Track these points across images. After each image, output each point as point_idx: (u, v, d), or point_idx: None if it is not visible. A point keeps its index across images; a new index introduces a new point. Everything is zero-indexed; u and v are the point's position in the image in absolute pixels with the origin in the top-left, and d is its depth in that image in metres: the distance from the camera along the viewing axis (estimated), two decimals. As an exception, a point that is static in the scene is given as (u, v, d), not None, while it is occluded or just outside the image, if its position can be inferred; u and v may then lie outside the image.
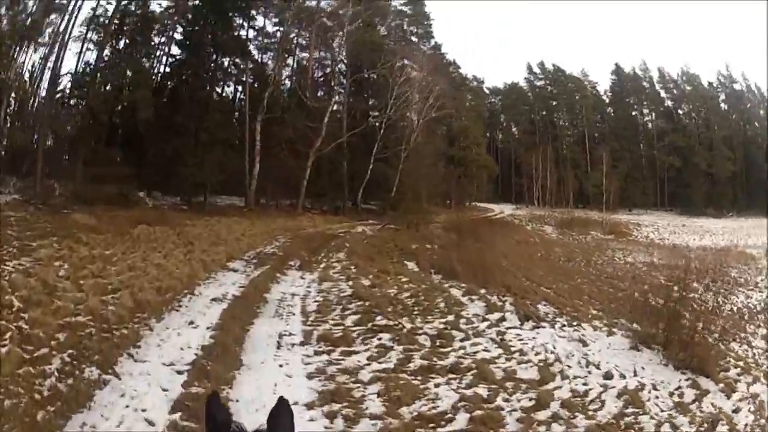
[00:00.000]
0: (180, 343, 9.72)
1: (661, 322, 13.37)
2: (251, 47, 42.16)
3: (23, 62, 33.66)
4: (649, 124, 73.07)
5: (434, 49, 57.14)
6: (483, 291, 16.16)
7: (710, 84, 73.30)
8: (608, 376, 10.27)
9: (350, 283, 16.61)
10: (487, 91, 76.13)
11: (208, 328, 10.76)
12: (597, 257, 37.08)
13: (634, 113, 73.94)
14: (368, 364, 9.82)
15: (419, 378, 9.34)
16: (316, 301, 14.17)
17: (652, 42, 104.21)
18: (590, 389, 9.54)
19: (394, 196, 42.62)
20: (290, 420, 1.98)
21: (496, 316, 13.39)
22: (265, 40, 43.54)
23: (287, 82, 46.08)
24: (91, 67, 35.43)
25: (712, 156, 68.20)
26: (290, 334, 11.11)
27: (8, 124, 34.11)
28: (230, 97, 44.37)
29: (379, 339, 11.17)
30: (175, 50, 40.22)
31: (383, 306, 13.44)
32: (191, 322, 11.05)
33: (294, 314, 12.84)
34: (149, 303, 11.54)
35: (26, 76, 34.61)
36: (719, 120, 70.93)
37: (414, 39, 54.76)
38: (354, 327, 11.91)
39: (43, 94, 34.74)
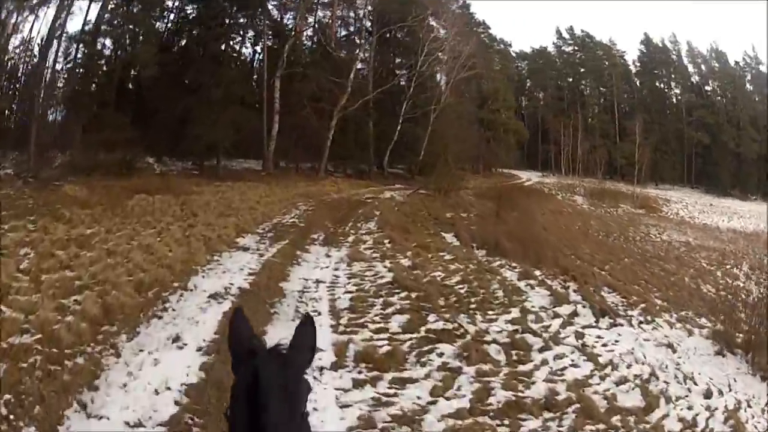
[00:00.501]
0: (156, 380, 6.33)
1: (740, 323, 12.94)
2: (270, 6, 38.47)
3: (30, 35, 31.12)
4: (674, 99, 70.74)
5: (463, 8, 53.45)
6: (538, 273, 14.14)
7: (737, 63, 71.08)
8: (708, 394, 8.84)
9: (387, 263, 13.78)
10: (514, 55, 73.28)
11: (199, 349, 7.37)
12: (633, 233, 34.60)
13: (662, 85, 71.35)
14: (434, 403, 6.90)
15: (507, 423, 6.68)
16: (347, 292, 11.12)
17: (680, 15, 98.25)
18: (697, 414, 7.98)
19: (422, 159, 40.09)
20: (313, 334, 1.96)
21: (566, 309, 11.24)
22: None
23: (308, 41, 42.48)
24: (92, 26, 32.25)
25: (740, 136, 65.98)
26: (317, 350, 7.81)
27: (16, 98, 32.30)
28: (248, 57, 40.97)
29: (440, 354, 8.30)
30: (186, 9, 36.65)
31: (433, 297, 10.83)
32: (176, 339, 7.58)
33: (320, 314, 9.63)
34: (122, 308, 8.19)
35: (36, 50, 31.84)
36: (746, 101, 68.52)
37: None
38: (403, 335, 8.94)
39: (54, 65, 32.07)
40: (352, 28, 44.40)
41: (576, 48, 72.86)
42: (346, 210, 24.10)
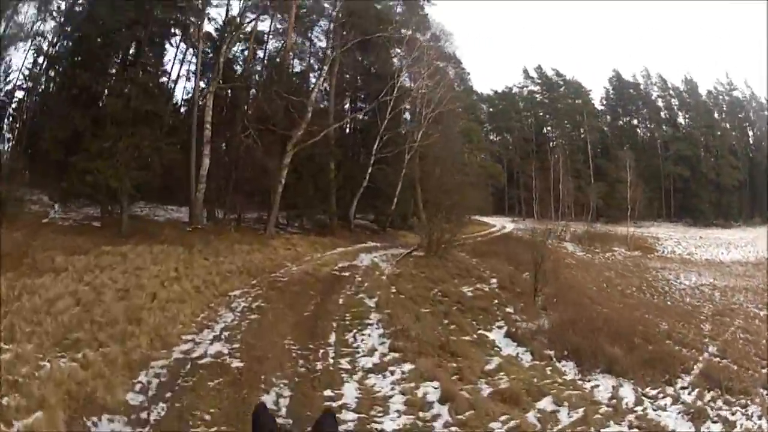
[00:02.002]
0: None
1: None
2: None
3: None
4: (647, 133, 66.12)
5: (433, 40, 44.38)
6: (688, 397, 9.86)
7: (709, 92, 67.01)
8: None
9: None
10: (476, 98, 65.74)
11: None
12: (654, 281, 31.23)
13: (634, 121, 66.82)
14: None
15: None
16: None
17: (650, 50, 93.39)
18: None
19: (396, 208, 32.50)
20: (335, 426, 1.92)
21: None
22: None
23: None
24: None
25: (719, 165, 62.32)
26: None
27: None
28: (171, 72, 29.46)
29: None
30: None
31: None
32: None
33: None
34: None
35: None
36: (721, 129, 64.80)
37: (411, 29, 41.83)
38: None
39: None
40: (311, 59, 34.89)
41: (544, 88, 66.53)
42: (316, 300, 13.93)
